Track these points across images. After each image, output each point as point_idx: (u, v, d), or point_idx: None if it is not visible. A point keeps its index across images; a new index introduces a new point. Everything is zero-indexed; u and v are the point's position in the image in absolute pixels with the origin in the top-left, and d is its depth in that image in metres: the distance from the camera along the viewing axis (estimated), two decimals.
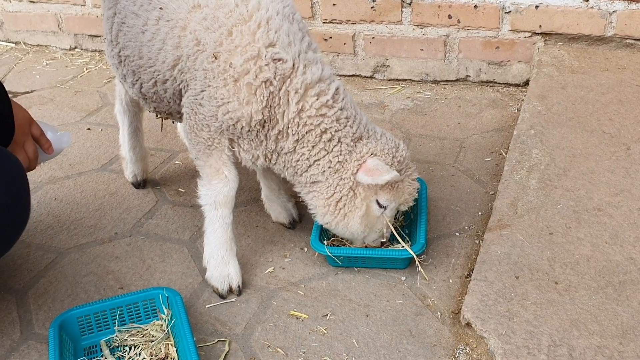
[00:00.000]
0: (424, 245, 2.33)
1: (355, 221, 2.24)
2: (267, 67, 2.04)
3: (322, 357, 2.02)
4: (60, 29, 4.81)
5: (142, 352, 2.03)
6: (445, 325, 2.12)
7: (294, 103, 2.08)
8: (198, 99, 2.17)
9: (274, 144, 2.17)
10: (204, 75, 2.12)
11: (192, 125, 2.24)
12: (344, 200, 2.21)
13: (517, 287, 2.13)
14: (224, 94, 2.09)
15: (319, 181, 2.21)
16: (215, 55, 2.09)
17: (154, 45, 2.24)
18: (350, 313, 2.19)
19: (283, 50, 2.06)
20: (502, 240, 2.33)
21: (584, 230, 2.33)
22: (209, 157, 2.26)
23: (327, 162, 2.17)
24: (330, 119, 2.12)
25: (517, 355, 1.88)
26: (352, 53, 3.98)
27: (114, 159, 3.26)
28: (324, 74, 2.13)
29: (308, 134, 2.13)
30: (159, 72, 2.26)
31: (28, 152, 2.13)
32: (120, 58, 2.41)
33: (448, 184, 2.88)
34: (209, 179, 2.30)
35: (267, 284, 2.36)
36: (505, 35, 3.62)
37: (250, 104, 2.07)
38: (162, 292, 2.14)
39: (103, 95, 4.09)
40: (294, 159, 2.19)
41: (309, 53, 2.14)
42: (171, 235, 2.67)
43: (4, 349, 2.12)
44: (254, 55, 2.04)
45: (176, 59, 2.20)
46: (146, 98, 2.43)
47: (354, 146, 2.17)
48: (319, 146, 2.15)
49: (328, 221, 2.28)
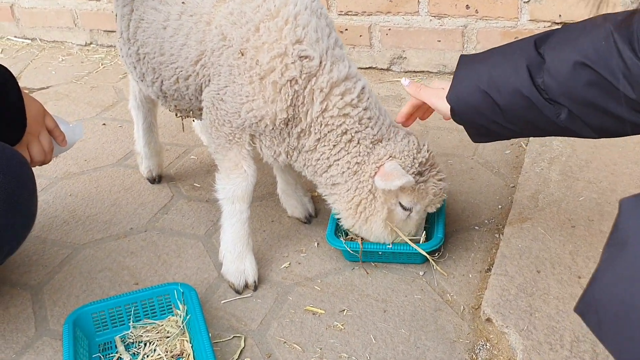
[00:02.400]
0: (442, 240, 2.28)
1: (378, 225, 2.20)
2: (293, 65, 2.00)
3: (339, 354, 1.99)
4: (75, 24, 4.81)
5: (157, 349, 2.01)
6: (464, 321, 2.08)
7: (318, 102, 2.05)
8: (220, 94, 2.13)
9: (296, 142, 2.14)
10: (229, 72, 2.09)
11: (212, 120, 2.21)
12: (364, 204, 2.17)
13: (538, 281, 2.08)
14: (249, 92, 2.06)
15: (339, 183, 2.17)
16: (242, 52, 2.05)
17: (176, 40, 2.21)
18: (367, 308, 2.16)
19: (310, 47, 2.02)
20: (523, 234, 2.28)
21: (607, 223, 2.28)
22: (229, 151, 2.23)
23: (345, 162, 2.13)
24: (353, 120, 2.07)
25: (539, 351, 1.84)
26: (368, 45, 3.93)
27: (129, 154, 3.25)
28: (350, 71, 2.09)
29: (330, 133, 2.09)
30: (182, 68, 2.22)
31: (43, 144, 2.11)
32: (139, 56, 2.37)
33: (467, 176, 2.83)
34: (227, 173, 2.26)
35: (283, 279, 2.32)
36: (525, 25, 3.55)
37: (275, 102, 2.04)
38: (177, 288, 2.12)
39: (119, 90, 4.08)
40: (315, 157, 2.15)
41: (336, 50, 2.10)
42: (186, 230, 2.65)
43: (19, 346, 2.11)
44: (280, 52, 2.00)
45: (200, 54, 2.16)
46: (166, 96, 2.40)
47: (372, 148, 2.12)
48: (339, 146, 2.11)
49: (352, 225, 2.24)
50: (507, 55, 1.71)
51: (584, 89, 1.51)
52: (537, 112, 1.64)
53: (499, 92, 1.68)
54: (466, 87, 1.78)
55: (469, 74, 1.79)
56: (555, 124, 1.64)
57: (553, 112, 1.62)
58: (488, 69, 1.72)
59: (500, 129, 1.79)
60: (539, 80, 1.60)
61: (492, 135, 1.87)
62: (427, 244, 2.27)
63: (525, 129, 1.76)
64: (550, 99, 1.60)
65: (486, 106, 1.73)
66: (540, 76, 1.60)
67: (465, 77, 1.80)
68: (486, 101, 1.72)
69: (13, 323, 2.20)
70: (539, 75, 1.61)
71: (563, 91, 1.56)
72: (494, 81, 1.70)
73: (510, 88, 1.66)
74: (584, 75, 1.50)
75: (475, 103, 1.75)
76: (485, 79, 1.72)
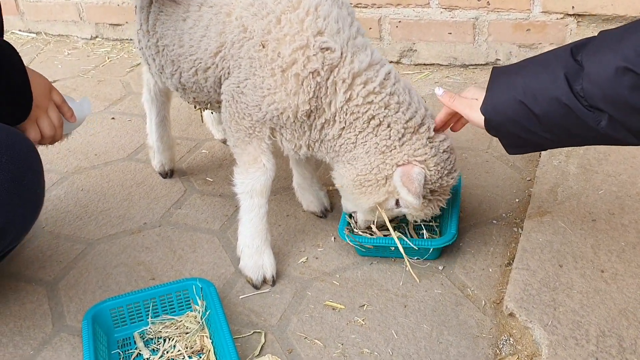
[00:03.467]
0: (455, 236, 2.26)
1: (368, 202, 2.18)
2: (315, 57, 1.97)
3: (361, 349, 1.97)
4: (81, 18, 4.77)
5: (177, 344, 1.99)
6: (486, 316, 2.06)
7: (341, 92, 2.02)
8: (241, 87, 2.11)
9: (318, 134, 2.12)
10: (250, 64, 2.06)
11: (232, 113, 2.18)
12: (372, 184, 2.14)
13: (561, 275, 2.06)
14: (270, 84, 2.03)
15: (360, 158, 2.12)
16: (263, 44, 2.02)
17: (196, 32, 2.18)
18: (387, 303, 2.14)
19: (331, 39, 1.99)
20: (543, 228, 2.26)
21: (628, 217, 2.25)
22: (248, 145, 2.20)
23: (374, 143, 2.08)
24: (378, 105, 2.04)
25: (565, 346, 1.82)
26: (378, 38, 3.90)
27: (139, 148, 3.22)
28: (373, 59, 2.06)
29: (356, 121, 2.06)
30: (201, 59, 2.20)
31: (52, 118, 2.06)
32: (158, 48, 2.35)
33: (482, 170, 2.81)
34: (246, 167, 2.24)
35: (300, 274, 2.30)
36: (537, 17, 3.52)
37: (297, 94, 2.01)
38: (196, 283, 2.10)
39: (126, 84, 4.05)
40: (339, 143, 2.12)
41: (358, 38, 2.07)
42: (201, 225, 2.62)
43: (37, 342, 2.09)
44: (302, 45, 1.98)
45: (219, 45, 2.14)
46: (185, 88, 2.37)
47: (410, 138, 2.08)
48: (367, 131, 2.08)
49: (344, 188, 2.22)
50: (543, 64, 1.70)
51: (627, 93, 1.49)
52: (576, 119, 1.62)
53: (536, 101, 1.67)
54: (501, 98, 1.77)
55: (504, 86, 1.78)
56: (596, 131, 1.62)
57: (593, 119, 1.59)
58: (523, 79, 1.71)
59: (536, 139, 1.77)
60: (578, 87, 1.58)
61: (528, 146, 1.85)
62: (440, 239, 2.25)
63: (562, 137, 1.74)
64: (590, 105, 1.58)
65: (523, 116, 1.72)
66: (579, 83, 1.58)
67: (499, 89, 1.79)
68: (523, 111, 1.71)
69: (30, 319, 2.18)
70: (577, 82, 1.59)
71: (604, 97, 1.54)
72: (531, 91, 1.68)
73: (548, 96, 1.64)
74: (626, 80, 1.48)
75: (511, 113, 1.74)
76: (521, 89, 1.71)
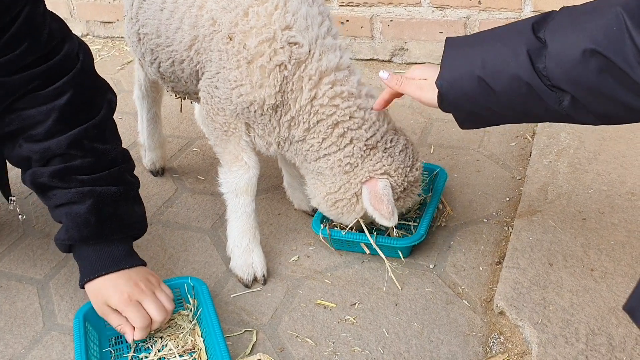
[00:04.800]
0: (422, 237, 2.26)
1: (350, 219, 2.21)
2: (282, 50, 1.97)
3: (352, 347, 1.97)
4: (72, 15, 4.75)
5: (169, 343, 1.98)
6: (477, 314, 2.07)
7: (307, 89, 2.01)
8: (214, 82, 2.12)
9: (286, 132, 2.11)
10: (219, 57, 2.07)
11: (208, 110, 2.19)
12: (345, 203, 2.16)
13: (551, 274, 2.07)
14: (236, 76, 2.04)
15: (326, 175, 2.15)
16: (230, 37, 2.03)
17: (171, 24, 2.19)
18: (379, 302, 2.14)
19: (299, 34, 1.99)
20: (533, 227, 2.27)
21: (617, 216, 2.27)
22: (227, 144, 2.21)
23: (337, 159, 2.09)
24: (343, 112, 2.03)
25: (555, 345, 1.83)
26: (370, 36, 3.90)
27: (131, 146, 3.21)
28: (341, 62, 2.05)
29: (319, 123, 2.05)
30: (176, 51, 2.21)
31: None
32: (139, 36, 2.36)
33: (473, 169, 2.82)
34: (229, 166, 2.25)
35: (292, 273, 2.31)
36: (528, 16, 3.52)
37: (263, 87, 2.01)
38: (188, 282, 2.10)
39: (117, 82, 4.03)
40: (304, 148, 2.12)
41: (328, 39, 2.06)
42: (192, 224, 2.62)
43: (28, 340, 2.09)
44: (269, 37, 1.98)
45: (193, 39, 2.14)
46: (164, 77, 2.39)
47: (368, 153, 2.09)
48: (330, 139, 2.07)
49: (321, 209, 2.26)
50: (504, 39, 1.62)
51: (593, 76, 1.44)
52: (536, 98, 1.57)
53: (496, 78, 1.59)
54: (458, 73, 1.67)
55: (460, 59, 1.68)
56: (556, 111, 1.57)
57: (555, 99, 1.54)
58: (481, 54, 1.62)
59: (492, 116, 1.71)
60: (540, 65, 1.52)
61: (483, 122, 1.78)
62: (407, 239, 2.27)
63: (520, 115, 1.68)
64: (552, 85, 1.53)
65: (480, 92, 1.63)
66: (541, 62, 1.52)
67: (455, 62, 1.69)
68: (481, 87, 1.62)
69: (20, 317, 2.18)
70: (540, 60, 1.52)
71: (568, 78, 1.49)
72: (490, 67, 1.60)
73: (509, 74, 1.57)
74: (594, 62, 1.43)
75: (469, 89, 1.65)
76: (480, 63, 1.62)
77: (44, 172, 1.92)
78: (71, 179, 1.92)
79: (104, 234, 1.95)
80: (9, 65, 1.82)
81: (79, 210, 1.91)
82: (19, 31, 1.80)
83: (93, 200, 1.92)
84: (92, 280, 1.93)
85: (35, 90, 1.90)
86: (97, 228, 1.93)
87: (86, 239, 1.93)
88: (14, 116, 1.91)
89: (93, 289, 1.93)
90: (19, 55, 1.82)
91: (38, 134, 1.91)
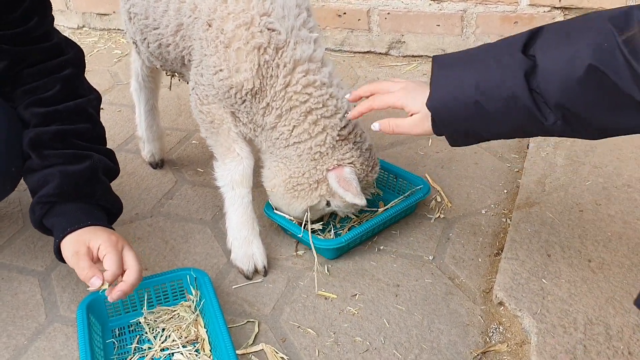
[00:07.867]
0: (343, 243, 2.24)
1: (301, 206, 2.23)
2: (260, 34, 1.99)
3: (353, 338, 2.00)
4: (67, 7, 4.73)
5: (173, 334, 2.00)
6: (476, 305, 2.09)
7: (281, 76, 2.03)
8: (199, 70, 2.14)
9: (261, 118, 2.12)
10: (200, 45, 2.09)
11: (195, 100, 2.22)
12: (304, 188, 2.18)
13: (549, 265, 2.10)
14: (215, 62, 2.05)
15: (292, 159, 2.16)
16: (209, 23, 2.05)
17: (158, 7, 2.20)
18: (379, 293, 2.17)
19: (277, 22, 2.01)
20: (532, 218, 2.30)
21: (614, 207, 2.30)
22: (218, 136, 2.23)
23: (307, 147, 2.11)
24: (316, 100, 2.05)
25: (553, 334, 1.86)
26: (367, 29, 3.91)
27: (129, 139, 3.22)
28: (314, 54, 2.07)
29: (292, 110, 2.07)
30: (163, 35, 2.23)
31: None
32: (130, 15, 2.38)
33: (471, 161, 2.84)
34: (222, 158, 2.26)
35: (293, 264, 2.33)
36: (524, 9, 3.55)
37: (239, 71, 2.02)
38: (190, 273, 2.11)
39: (114, 74, 4.03)
40: (274, 136, 2.14)
41: (302, 31, 2.07)
42: (193, 216, 2.64)
43: (30, 332, 2.10)
44: (246, 21, 1.99)
45: (179, 24, 2.16)
46: (154, 56, 2.41)
47: (339, 144, 2.12)
48: (302, 127, 2.08)
49: (276, 192, 2.25)
50: (495, 58, 1.58)
51: (587, 93, 1.44)
52: (531, 117, 1.55)
53: (490, 99, 1.57)
54: (451, 95, 1.64)
55: (451, 80, 1.64)
56: (550, 127, 1.56)
57: (549, 116, 1.53)
58: (474, 75, 1.59)
59: (486, 134, 1.70)
60: (534, 85, 1.51)
61: (474, 140, 1.76)
62: (330, 240, 2.29)
63: (512, 132, 1.67)
64: (546, 102, 1.51)
65: (474, 114, 1.61)
66: (534, 80, 1.51)
67: (448, 85, 1.65)
68: (476, 110, 1.60)
69: (23, 309, 2.19)
70: (533, 78, 1.51)
71: (562, 94, 1.48)
72: (484, 88, 1.57)
73: (505, 95, 1.54)
74: (587, 77, 1.42)
75: (462, 111, 1.63)
76: (473, 85, 1.59)
77: (48, 130, 2.03)
78: (72, 142, 2.05)
79: (96, 194, 2.04)
80: (23, 36, 2.01)
81: (76, 169, 2.01)
82: (31, 6, 2.00)
83: (90, 163, 2.04)
84: (76, 230, 1.90)
85: (43, 62, 2.09)
86: (91, 187, 2.02)
87: (81, 195, 1.99)
88: (23, 81, 2.08)
89: (74, 238, 1.89)
90: (31, 28, 2.01)
91: (47, 98, 2.06)
